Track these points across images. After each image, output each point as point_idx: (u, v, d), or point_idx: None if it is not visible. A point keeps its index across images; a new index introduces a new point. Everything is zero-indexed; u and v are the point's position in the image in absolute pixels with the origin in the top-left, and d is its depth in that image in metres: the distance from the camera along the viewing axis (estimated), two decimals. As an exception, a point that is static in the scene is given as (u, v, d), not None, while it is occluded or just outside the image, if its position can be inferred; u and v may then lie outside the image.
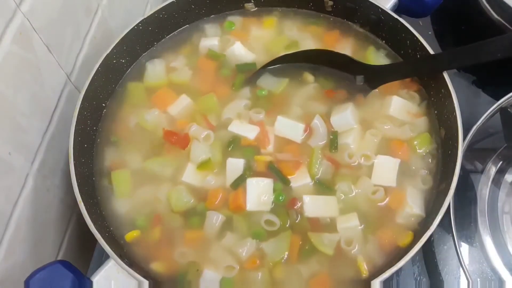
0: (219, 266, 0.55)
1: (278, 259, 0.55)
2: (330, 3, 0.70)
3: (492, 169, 0.65)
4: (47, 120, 0.61)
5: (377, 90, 0.65)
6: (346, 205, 0.58)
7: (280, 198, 0.58)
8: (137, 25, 0.66)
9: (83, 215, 0.53)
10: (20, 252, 0.57)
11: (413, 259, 0.50)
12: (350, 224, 0.56)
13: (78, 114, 0.59)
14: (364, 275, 0.54)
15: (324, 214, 0.57)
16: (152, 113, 0.65)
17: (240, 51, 0.69)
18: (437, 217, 0.51)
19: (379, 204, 0.58)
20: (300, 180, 0.59)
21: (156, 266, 0.56)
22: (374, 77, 0.64)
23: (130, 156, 0.63)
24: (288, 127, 0.62)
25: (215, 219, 0.57)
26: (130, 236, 0.57)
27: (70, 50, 0.63)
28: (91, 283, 0.50)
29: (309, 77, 0.66)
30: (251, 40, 0.71)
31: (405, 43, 0.65)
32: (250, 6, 0.74)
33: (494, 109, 0.64)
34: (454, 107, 0.57)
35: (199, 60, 0.70)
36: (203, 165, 0.60)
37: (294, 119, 0.63)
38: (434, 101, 0.63)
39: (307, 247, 0.56)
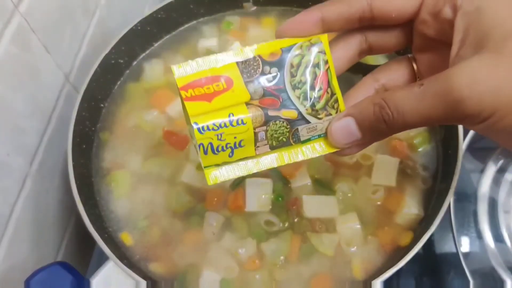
0: (219, 266, 0.55)
1: (278, 259, 0.55)
2: (329, 2, 0.70)
3: (492, 168, 0.65)
4: (45, 121, 0.60)
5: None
6: (346, 205, 0.58)
7: (280, 198, 0.57)
8: (135, 25, 0.66)
9: (82, 216, 0.53)
10: (19, 252, 0.57)
11: (413, 259, 0.50)
12: (350, 224, 0.56)
13: (76, 115, 0.59)
14: (359, 278, 0.54)
15: (324, 214, 0.57)
16: (151, 113, 0.65)
17: (239, 51, 0.69)
18: (437, 217, 0.51)
19: (379, 203, 0.58)
20: (299, 180, 0.59)
21: (155, 267, 0.56)
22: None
23: (129, 157, 0.63)
24: (287, 127, 0.62)
25: (214, 219, 0.57)
26: (124, 238, 0.57)
27: (69, 51, 0.63)
28: (90, 284, 0.50)
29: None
30: (249, 40, 0.71)
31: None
32: (249, 5, 0.74)
33: (494, 108, 0.64)
34: (454, 106, 0.57)
35: (198, 60, 0.70)
36: (202, 166, 0.60)
37: (293, 119, 0.63)
38: (434, 101, 0.63)
39: (307, 248, 0.55)
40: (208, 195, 0.59)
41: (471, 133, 0.62)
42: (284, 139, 0.36)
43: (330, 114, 0.36)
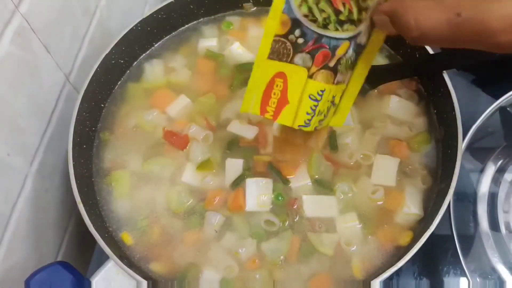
0: (219, 266, 0.55)
1: (278, 259, 0.55)
2: (329, 3, 0.70)
3: (492, 168, 0.65)
4: (46, 121, 0.61)
5: (375, 89, 0.65)
6: (345, 205, 0.58)
7: (280, 198, 0.58)
8: (135, 25, 0.66)
9: (83, 216, 0.53)
10: (20, 252, 0.57)
11: (413, 259, 0.50)
12: (349, 224, 0.56)
13: (77, 115, 0.59)
14: (358, 277, 0.54)
15: (324, 214, 0.57)
16: (151, 113, 0.65)
17: (239, 51, 0.69)
18: (437, 216, 0.51)
19: (378, 203, 0.58)
20: (299, 180, 0.59)
21: (156, 267, 0.56)
22: (373, 77, 0.63)
23: (129, 157, 0.63)
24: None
25: (215, 219, 0.57)
26: (124, 237, 0.58)
27: (69, 51, 0.63)
28: (90, 284, 0.50)
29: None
30: (249, 40, 0.71)
31: (404, 42, 0.65)
32: (249, 6, 0.74)
33: (493, 108, 0.64)
34: (453, 106, 0.57)
35: (198, 61, 0.70)
36: (203, 166, 0.60)
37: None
38: (433, 100, 0.63)
39: (307, 247, 0.55)
40: (208, 195, 0.59)
41: (470, 133, 0.62)
42: (355, 56, 0.39)
43: (368, 8, 0.38)
